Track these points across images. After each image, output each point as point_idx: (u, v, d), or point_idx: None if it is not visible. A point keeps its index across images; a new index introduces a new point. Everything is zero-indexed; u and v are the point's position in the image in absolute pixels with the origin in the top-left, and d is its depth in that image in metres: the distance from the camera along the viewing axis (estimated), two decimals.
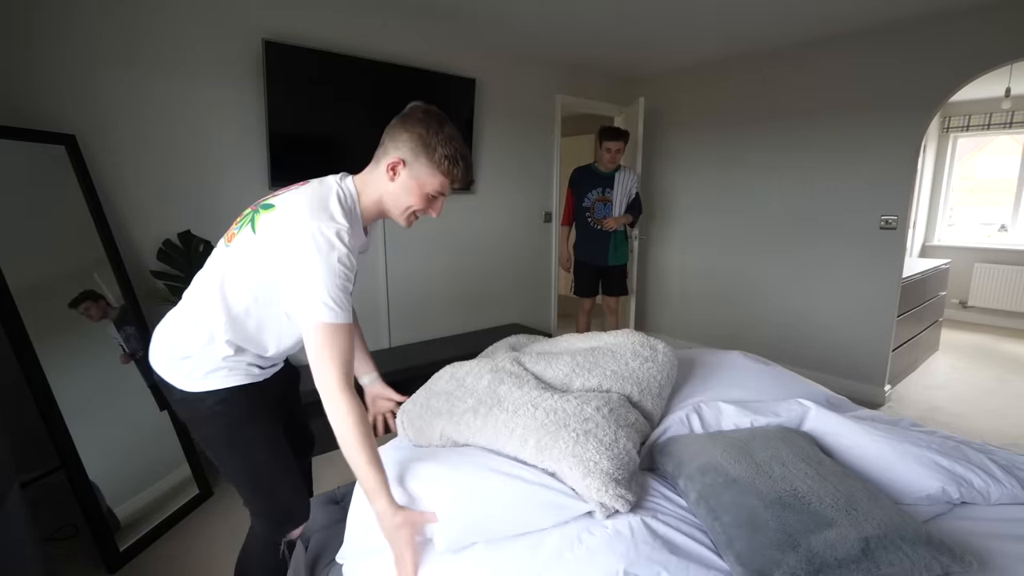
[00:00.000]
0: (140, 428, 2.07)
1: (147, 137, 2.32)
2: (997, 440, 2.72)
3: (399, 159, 1.11)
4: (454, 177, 1.13)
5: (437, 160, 1.10)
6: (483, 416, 1.24)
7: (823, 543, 0.93)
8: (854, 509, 1.00)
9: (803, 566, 0.90)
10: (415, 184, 1.12)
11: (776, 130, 3.64)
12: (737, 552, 0.97)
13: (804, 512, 1.00)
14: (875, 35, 3.12)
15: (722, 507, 1.06)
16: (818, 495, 1.04)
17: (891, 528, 0.96)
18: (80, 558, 1.84)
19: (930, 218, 5.70)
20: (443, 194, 1.16)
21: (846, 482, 1.09)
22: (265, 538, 1.24)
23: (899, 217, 3.14)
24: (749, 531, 0.99)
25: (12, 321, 1.71)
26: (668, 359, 1.53)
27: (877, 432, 1.31)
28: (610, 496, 1.05)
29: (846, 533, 0.94)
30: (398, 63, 3.00)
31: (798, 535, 0.95)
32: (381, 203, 1.16)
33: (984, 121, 5.19)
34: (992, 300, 5.23)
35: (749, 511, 1.02)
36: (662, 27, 3.19)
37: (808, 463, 1.15)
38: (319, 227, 1.01)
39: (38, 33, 2.03)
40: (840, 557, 0.91)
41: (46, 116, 2.06)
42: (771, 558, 0.93)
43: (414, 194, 1.13)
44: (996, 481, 1.21)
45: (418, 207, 1.15)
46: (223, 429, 1.15)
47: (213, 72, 2.45)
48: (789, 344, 3.72)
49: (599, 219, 3.46)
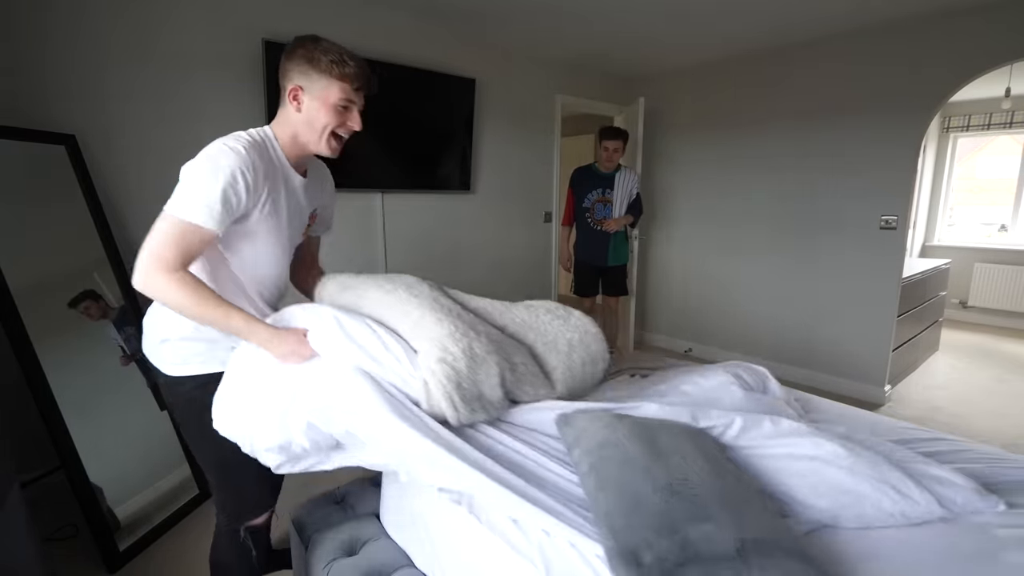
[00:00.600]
0: (140, 428, 2.07)
1: (147, 137, 2.32)
2: (997, 440, 2.72)
3: (296, 86, 1.14)
4: (350, 78, 1.14)
5: (326, 68, 1.12)
6: (387, 292, 1.28)
7: (700, 535, 0.92)
8: (740, 511, 0.99)
9: (674, 552, 0.89)
10: (319, 102, 1.14)
11: (776, 130, 3.64)
12: (613, 526, 0.96)
13: (690, 503, 0.99)
14: (875, 35, 3.12)
15: (611, 481, 1.05)
16: (709, 490, 1.02)
17: (771, 536, 0.95)
18: (80, 558, 1.84)
19: (930, 218, 5.70)
20: (352, 101, 1.17)
21: (740, 486, 1.08)
22: (227, 525, 1.29)
23: (899, 217, 3.14)
24: (631, 508, 0.98)
25: (12, 321, 1.71)
26: (584, 326, 1.50)
27: (801, 449, 1.25)
28: (442, 393, 1.10)
29: (725, 531, 0.93)
30: (398, 63, 3.00)
31: (678, 523, 0.94)
32: (299, 137, 1.18)
33: (984, 121, 5.19)
34: (992, 300, 5.23)
35: (636, 490, 1.01)
36: (662, 27, 3.19)
37: (708, 461, 1.13)
38: (217, 141, 1.08)
39: (39, 34, 2.03)
40: (714, 552, 0.89)
41: (46, 116, 2.06)
42: (645, 539, 0.92)
43: (323, 111, 1.15)
44: (912, 501, 1.16)
45: (333, 123, 1.17)
46: (197, 415, 1.18)
47: (213, 72, 2.45)
48: (789, 344, 3.72)
49: (599, 220, 3.46)
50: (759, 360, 3.87)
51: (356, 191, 2.98)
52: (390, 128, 2.98)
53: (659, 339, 4.58)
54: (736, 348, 4.03)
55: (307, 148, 1.21)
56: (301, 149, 1.21)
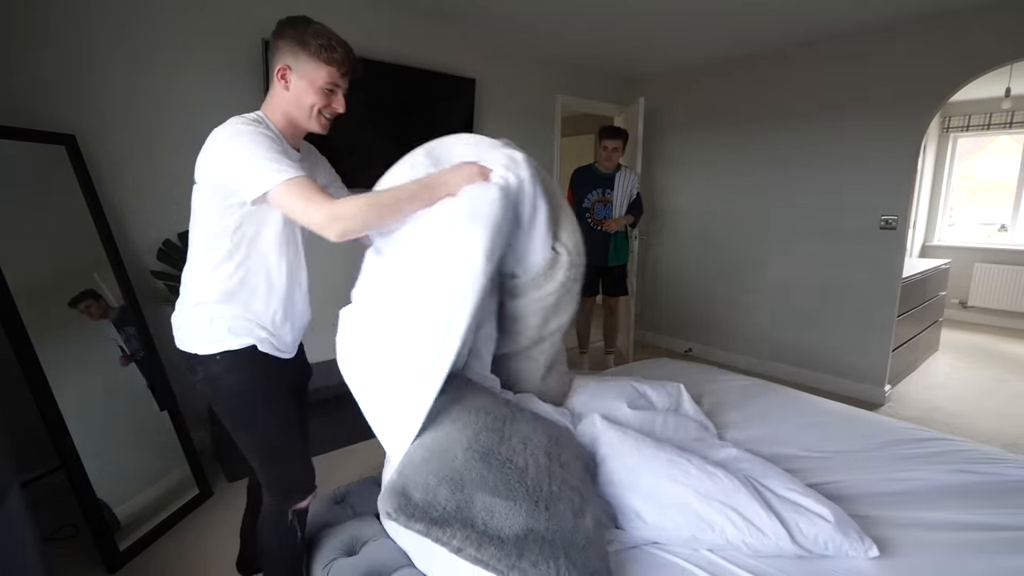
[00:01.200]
0: (140, 428, 2.07)
1: (147, 137, 2.32)
2: (997, 440, 2.72)
3: (284, 65, 1.18)
4: (337, 62, 1.17)
5: (315, 52, 1.16)
6: None
7: (484, 505, 0.91)
8: (548, 507, 0.97)
9: (449, 506, 0.88)
10: (306, 83, 1.18)
11: (776, 130, 3.64)
12: (406, 464, 0.97)
13: (498, 476, 0.97)
14: (875, 35, 3.12)
15: (436, 435, 1.06)
16: (529, 477, 1.01)
17: (564, 539, 0.93)
18: (80, 558, 1.84)
19: (930, 218, 5.70)
20: (337, 85, 1.21)
21: (567, 489, 1.07)
22: (275, 508, 1.29)
23: (899, 217, 3.14)
24: (432, 456, 0.98)
25: (12, 321, 1.70)
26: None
27: (657, 468, 1.24)
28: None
29: (515, 515, 0.92)
30: (398, 63, 3.00)
31: (469, 485, 0.93)
32: (289, 115, 1.22)
33: (984, 121, 5.19)
34: (992, 300, 5.23)
35: (449, 445, 1.02)
36: (662, 27, 3.19)
37: (549, 457, 1.13)
38: (230, 121, 1.13)
39: (38, 34, 2.03)
40: (488, 525, 0.88)
41: (46, 116, 2.06)
42: (426, 482, 0.91)
43: (310, 92, 1.18)
44: (758, 532, 1.11)
45: (319, 103, 1.20)
46: (241, 408, 1.22)
47: (213, 72, 2.45)
48: (789, 344, 3.72)
49: (599, 220, 3.46)
50: (759, 360, 3.87)
51: (356, 191, 2.97)
52: (390, 127, 2.98)
53: (659, 339, 4.58)
54: (736, 348, 4.03)
55: (299, 124, 1.24)
56: (293, 128, 1.24)
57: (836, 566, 1.11)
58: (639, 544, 1.18)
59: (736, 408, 1.92)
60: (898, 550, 1.16)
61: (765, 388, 2.15)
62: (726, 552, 1.14)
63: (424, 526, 0.87)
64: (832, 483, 1.44)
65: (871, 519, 1.26)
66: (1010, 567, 1.10)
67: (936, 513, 1.30)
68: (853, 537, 1.12)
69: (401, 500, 0.88)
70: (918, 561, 1.12)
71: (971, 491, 1.40)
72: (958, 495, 1.38)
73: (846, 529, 1.13)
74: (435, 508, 0.88)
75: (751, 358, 3.93)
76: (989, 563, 1.11)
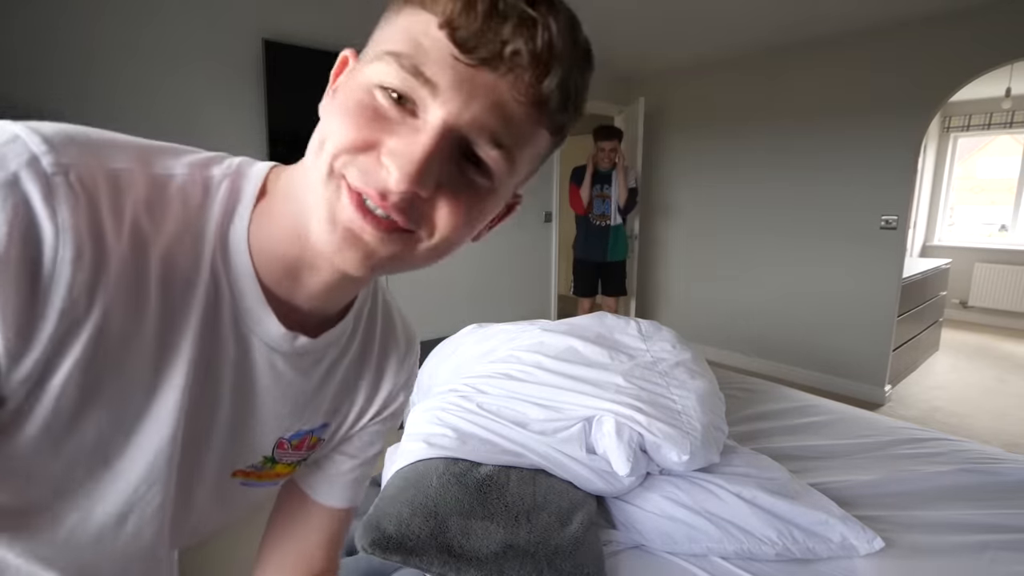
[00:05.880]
0: None
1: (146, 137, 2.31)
2: (997, 440, 2.72)
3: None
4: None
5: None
6: None
7: (460, 529, 0.91)
8: (530, 519, 0.98)
9: (419, 535, 0.88)
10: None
11: (776, 130, 3.64)
12: (382, 497, 0.98)
13: (474, 497, 0.97)
14: (875, 35, 3.11)
15: (415, 464, 1.06)
16: (510, 492, 1.01)
17: (547, 547, 0.94)
18: None
19: (930, 218, 5.69)
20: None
21: (553, 495, 1.08)
22: None
23: (899, 217, 3.14)
24: (409, 486, 0.98)
25: None
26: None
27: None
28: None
29: (493, 533, 0.92)
30: None
31: (445, 511, 0.93)
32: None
33: (984, 121, 5.19)
34: (992, 300, 5.22)
35: (426, 470, 1.01)
36: (662, 27, 3.18)
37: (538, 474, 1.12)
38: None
39: (35, 33, 2.03)
40: (465, 547, 0.88)
41: (45, 116, 2.05)
42: (400, 515, 0.91)
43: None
44: (758, 541, 1.12)
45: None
46: None
47: (212, 72, 2.45)
48: (789, 344, 3.72)
49: (597, 215, 3.49)
50: (759, 360, 3.87)
51: None
52: None
53: None
54: (736, 348, 4.03)
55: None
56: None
57: (836, 566, 1.11)
58: (639, 544, 1.17)
59: (736, 408, 1.92)
60: (898, 550, 1.15)
61: (765, 388, 2.15)
62: (726, 553, 1.13)
63: (401, 557, 0.88)
64: (832, 483, 1.43)
65: (871, 519, 1.25)
66: (1010, 567, 1.10)
67: (936, 513, 1.30)
68: (856, 530, 1.13)
69: (375, 534, 0.90)
70: (918, 561, 1.12)
71: (971, 491, 1.40)
72: (958, 495, 1.38)
73: (850, 524, 1.14)
74: (409, 539, 0.88)
75: (751, 358, 3.93)
76: (989, 563, 1.11)
